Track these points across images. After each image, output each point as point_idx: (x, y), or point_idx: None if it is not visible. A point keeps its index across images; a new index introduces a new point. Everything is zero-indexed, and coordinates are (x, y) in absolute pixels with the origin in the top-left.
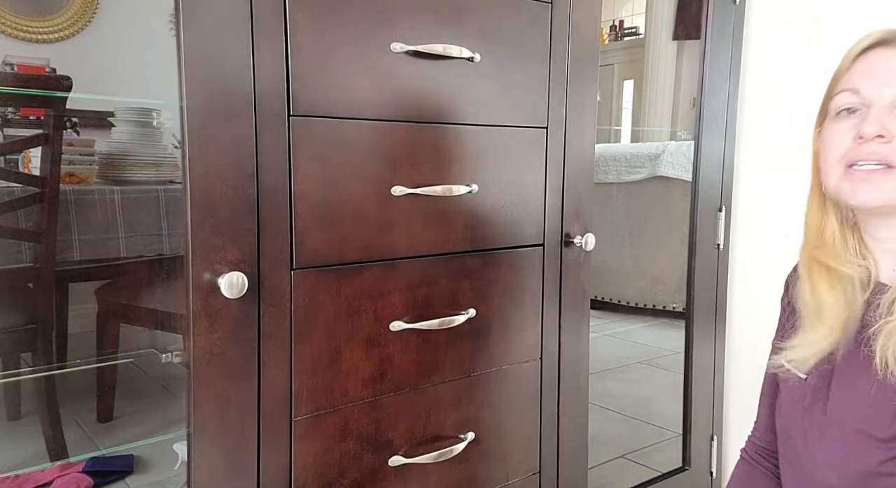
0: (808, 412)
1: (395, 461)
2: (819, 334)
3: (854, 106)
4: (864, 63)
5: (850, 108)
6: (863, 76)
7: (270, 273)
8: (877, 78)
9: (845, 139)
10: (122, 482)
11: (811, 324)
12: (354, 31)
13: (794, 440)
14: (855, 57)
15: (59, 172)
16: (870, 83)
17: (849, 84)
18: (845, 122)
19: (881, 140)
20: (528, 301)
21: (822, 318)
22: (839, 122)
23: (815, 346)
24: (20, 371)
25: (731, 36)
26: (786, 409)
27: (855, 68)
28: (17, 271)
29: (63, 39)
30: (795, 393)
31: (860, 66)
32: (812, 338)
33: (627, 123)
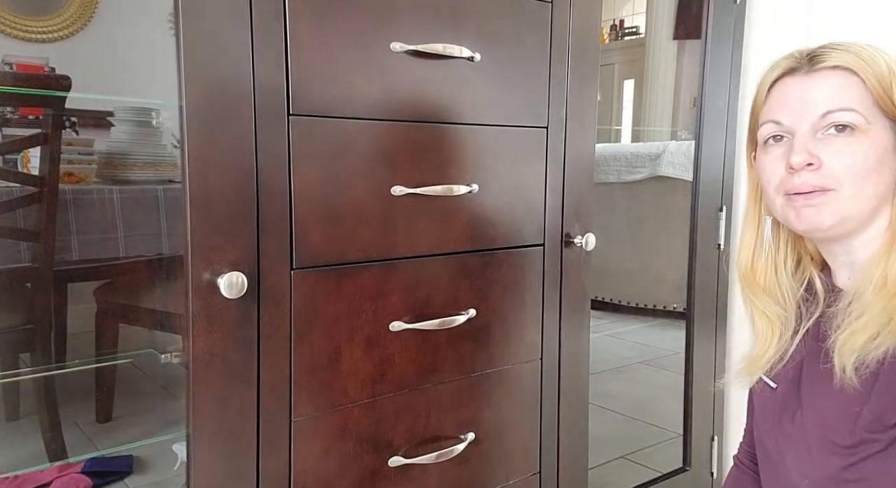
0: (779, 421)
1: (394, 461)
2: (757, 349)
3: (779, 134)
4: (778, 94)
5: (776, 136)
6: (779, 107)
7: (270, 273)
8: (792, 108)
9: (778, 169)
10: (122, 482)
11: (753, 341)
12: (354, 31)
13: (768, 449)
14: (767, 88)
15: (57, 172)
16: (787, 113)
17: (769, 116)
18: (775, 151)
19: (811, 168)
20: (528, 301)
21: (757, 337)
22: (769, 151)
23: (758, 362)
24: (19, 371)
25: (732, 36)
26: (759, 418)
27: (770, 100)
28: (16, 271)
29: (62, 39)
30: (766, 402)
31: (774, 97)
32: (753, 353)
33: (628, 123)
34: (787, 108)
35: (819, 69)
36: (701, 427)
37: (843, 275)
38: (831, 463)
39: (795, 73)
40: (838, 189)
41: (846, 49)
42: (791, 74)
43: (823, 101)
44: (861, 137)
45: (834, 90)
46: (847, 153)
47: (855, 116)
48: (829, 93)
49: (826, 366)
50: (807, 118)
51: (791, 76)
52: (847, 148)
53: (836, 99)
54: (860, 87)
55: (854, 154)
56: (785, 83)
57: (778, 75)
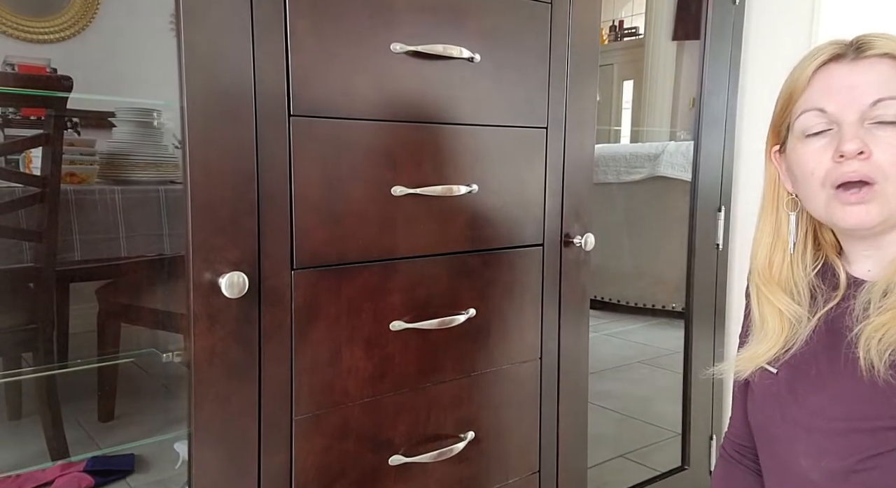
0: (785, 408)
1: (395, 460)
2: (762, 348)
3: (822, 126)
4: (823, 80)
5: (818, 131)
6: (825, 95)
7: (271, 273)
8: (841, 95)
9: (824, 159)
10: (123, 481)
11: (756, 336)
12: (354, 32)
13: (772, 437)
14: (809, 76)
15: (59, 172)
16: (834, 101)
17: (811, 103)
18: (817, 142)
19: (861, 156)
20: (527, 301)
21: (765, 335)
22: (810, 143)
23: (757, 359)
24: (21, 370)
25: (731, 36)
26: (759, 405)
27: (813, 87)
28: (18, 271)
29: (64, 40)
30: (767, 388)
31: (819, 84)
32: (755, 351)
33: (627, 123)
34: (835, 96)
35: (868, 56)
36: (700, 426)
37: (862, 266)
38: (850, 450)
39: (842, 59)
40: (882, 183)
41: (891, 37)
42: (837, 61)
43: (875, 89)
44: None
45: (885, 77)
46: (895, 144)
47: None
48: (880, 80)
49: (847, 356)
50: (855, 106)
51: (837, 63)
52: (894, 138)
53: (887, 86)
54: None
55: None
56: (831, 69)
57: (822, 62)
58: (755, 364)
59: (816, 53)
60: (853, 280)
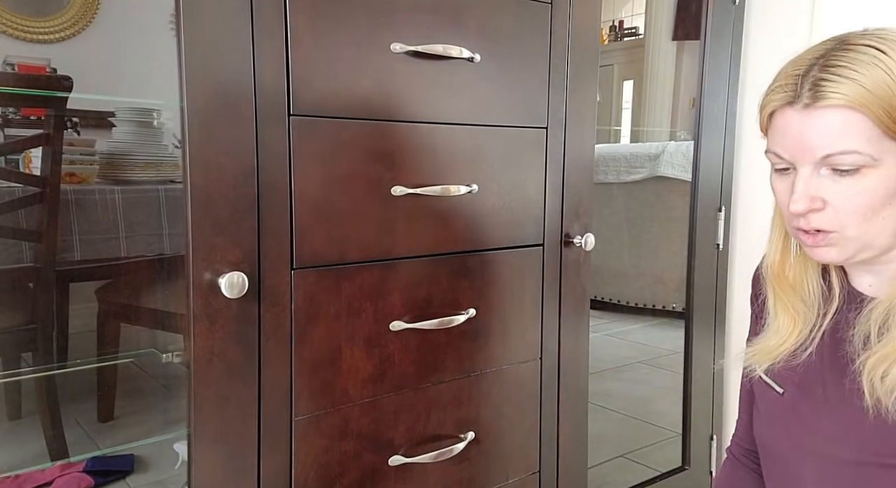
0: (792, 431)
1: (395, 460)
2: (774, 342)
3: (784, 166)
4: (778, 126)
5: (782, 168)
6: (779, 141)
7: (271, 273)
8: (792, 146)
9: (786, 199)
10: (123, 481)
11: (769, 329)
12: (355, 32)
13: (779, 457)
14: (768, 116)
15: (59, 172)
16: (787, 150)
17: (771, 146)
18: (782, 179)
19: (815, 209)
20: (527, 301)
21: (777, 330)
22: (778, 177)
23: (771, 353)
24: (21, 370)
25: (731, 36)
26: (765, 424)
27: (771, 129)
28: (18, 271)
29: (64, 40)
30: (773, 408)
31: (775, 128)
32: (768, 345)
33: (627, 123)
34: (787, 146)
35: (818, 106)
36: (700, 426)
37: (863, 280)
38: (861, 482)
39: (795, 104)
40: (841, 231)
41: (852, 74)
42: (791, 106)
43: (823, 145)
44: (868, 173)
45: (834, 131)
46: (850, 195)
47: (858, 158)
48: (828, 134)
49: (853, 383)
50: (807, 158)
51: (791, 108)
52: (851, 189)
53: (836, 141)
54: (865, 124)
55: (859, 195)
56: (784, 115)
57: (777, 106)
58: (768, 357)
59: (774, 91)
60: (853, 292)
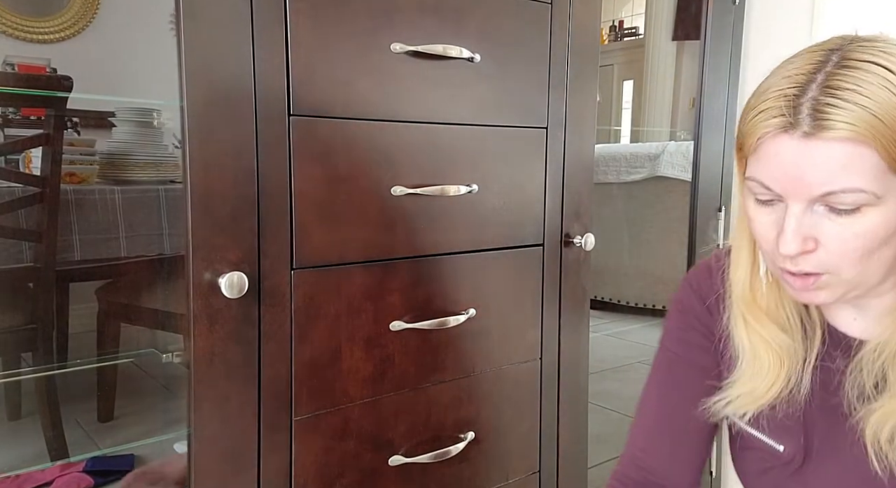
0: (786, 485)
1: (395, 460)
2: (761, 386)
3: (770, 198)
4: (769, 154)
5: (767, 200)
6: (769, 173)
7: (271, 273)
8: (786, 180)
9: (770, 234)
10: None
11: (748, 371)
12: (355, 32)
13: None
14: (757, 140)
15: (59, 172)
16: (779, 183)
17: (756, 174)
18: (764, 211)
19: (806, 251)
20: (527, 301)
21: (761, 370)
22: (759, 210)
23: (759, 400)
24: (21, 370)
25: (731, 36)
26: (756, 474)
27: (759, 156)
28: (18, 271)
29: (64, 40)
30: (764, 461)
31: (764, 155)
32: (755, 390)
33: (627, 123)
34: (779, 178)
35: (822, 137)
36: None
37: (844, 314)
38: None
39: (791, 132)
40: (835, 273)
41: (860, 99)
42: (787, 133)
43: (823, 181)
44: (868, 212)
45: (839, 166)
46: (847, 237)
47: (861, 197)
48: (832, 170)
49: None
50: (802, 194)
51: (787, 135)
52: (848, 229)
53: (839, 178)
54: (872, 159)
55: (856, 236)
56: (778, 143)
57: (769, 131)
58: (754, 405)
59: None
60: (836, 331)
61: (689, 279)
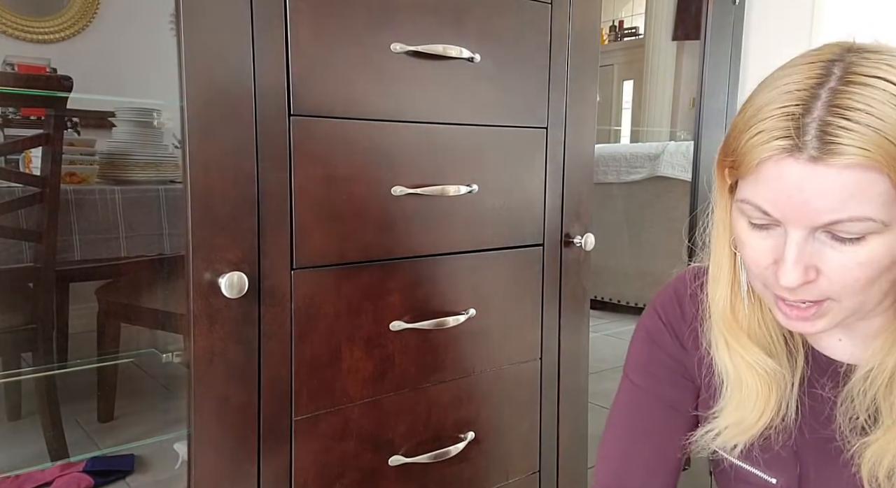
0: None
1: (395, 460)
2: (751, 415)
3: (766, 222)
4: (771, 178)
5: (762, 224)
6: (770, 198)
7: (271, 273)
8: (788, 207)
9: (764, 261)
10: (123, 482)
11: (737, 398)
12: (355, 32)
13: None
14: (757, 161)
15: (59, 172)
16: (780, 209)
17: (753, 198)
18: (758, 236)
19: (807, 283)
20: (527, 301)
21: (749, 397)
22: (751, 233)
23: (750, 430)
24: (21, 371)
25: (731, 36)
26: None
27: (759, 178)
28: (18, 271)
29: (64, 40)
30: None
31: (765, 180)
32: (744, 420)
33: (627, 123)
34: (780, 204)
35: (831, 163)
36: None
37: (829, 335)
38: None
39: (798, 155)
40: (837, 300)
41: (870, 120)
42: (793, 156)
43: (830, 209)
44: (873, 240)
45: (847, 194)
46: (851, 266)
47: (869, 226)
48: (841, 198)
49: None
50: (805, 222)
51: (792, 159)
52: (852, 259)
53: (847, 206)
54: (883, 186)
55: (860, 266)
56: (782, 167)
57: (773, 153)
58: (745, 436)
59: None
60: (820, 355)
61: (656, 306)
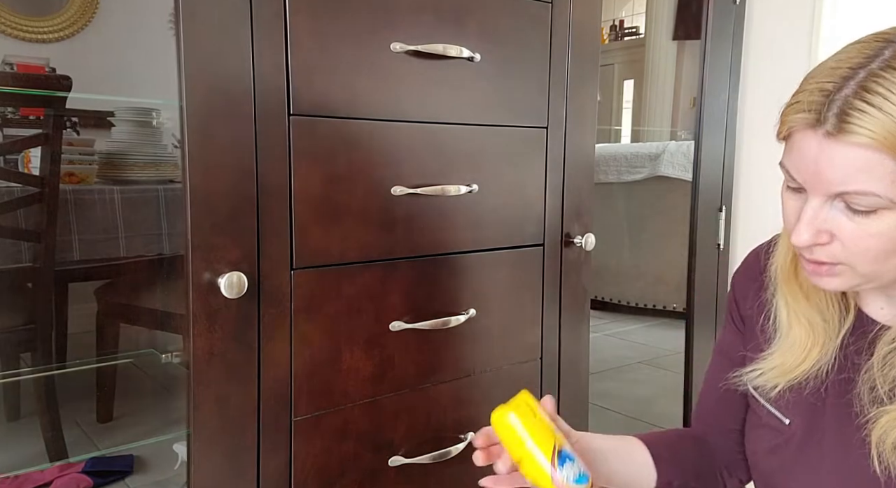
0: (792, 464)
1: (395, 461)
2: (791, 360)
3: (797, 186)
4: (796, 146)
5: (794, 187)
6: (794, 163)
7: (270, 273)
8: (806, 173)
9: (792, 220)
10: (122, 482)
11: (786, 344)
12: (354, 31)
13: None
14: (789, 128)
15: (58, 172)
16: (801, 174)
17: (785, 162)
18: (792, 197)
19: (821, 243)
20: (528, 301)
21: (793, 345)
22: (788, 192)
23: (789, 373)
24: (20, 371)
25: (731, 36)
26: (764, 453)
27: (789, 144)
28: (17, 271)
29: (63, 39)
30: (774, 437)
31: (792, 145)
32: (784, 363)
33: (627, 123)
34: (802, 171)
35: (843, 140)
36: None
37: (874, 302)
38: None
39: (818, 128)
40: (850, 265)
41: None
42: (813, 129)
43: (839, 180)
44: (885, 216)
45: (854, 169)
46: (863, 236)
47: (875, 201)
48: (847, 171)
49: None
50: (820, 190)
51: (812, 131)
52: (864, 230)
53: (854, 180)
54: (889, 166)
55: (872, 237)
56: (804, 137)
57: (797, 126)
58: (785, 378)
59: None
60: (864, 317)
61: (745, 260)
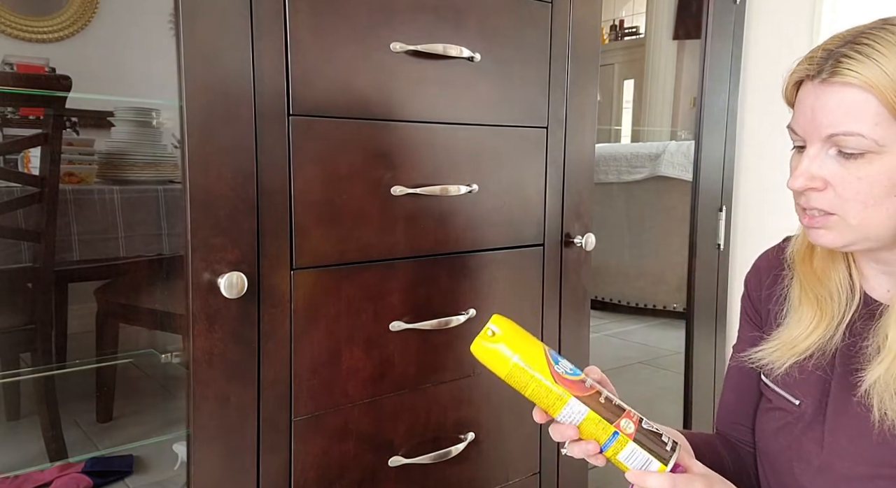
0: (799, 442)
1: (394, 461)
2: (796, 333)
3: (800, 143)
4: (798, 101)
5: (798, 146)
6: (797, 116)
7: (270, 273)
8: (805, 121)
9: None
10: (122, 482)
11: (794, 320)
12: (354, 31)
13: (779, 468)
14: (792, 88)
15: (58, 172)
16: (800, 125)
17: (792, 121)
18: (797, 158)
19: (816, 189)
20: (528, 301)
21: (800, 321)
22: (794, 155)
23: (794, 348)
24: (19, 371)
25: (732, 36)
26: (772, 433)
27: (796, 104)
28: (17, 271)
29: (62, 39)
30: (783, 417)
31: (797, 103)
32: (790, 336)
33: (628, 123)
34: (800, 120)
35: (833, 82)
36: (701, 427)
37: (878, 284)
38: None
39: (813, 78)
40: (843, 215)
41: (875, 54)
42: (809, 80)
43: (829, 123)
44: (873, 160)
45: (842, 110)
46: (852, 180)
47: (862, 142)
48: (836, 113)
49: (861, 402)
50: (815, 135)
51: (809, 82)
52: (853, 173)
53: (842, 121)
54: (874, 107)
55: (860, 180)
56: (804, 89)
57: (798, 77)
58: (791, 353)
59: (805, 59)
60: (868, 299)
61: (754, 263)
